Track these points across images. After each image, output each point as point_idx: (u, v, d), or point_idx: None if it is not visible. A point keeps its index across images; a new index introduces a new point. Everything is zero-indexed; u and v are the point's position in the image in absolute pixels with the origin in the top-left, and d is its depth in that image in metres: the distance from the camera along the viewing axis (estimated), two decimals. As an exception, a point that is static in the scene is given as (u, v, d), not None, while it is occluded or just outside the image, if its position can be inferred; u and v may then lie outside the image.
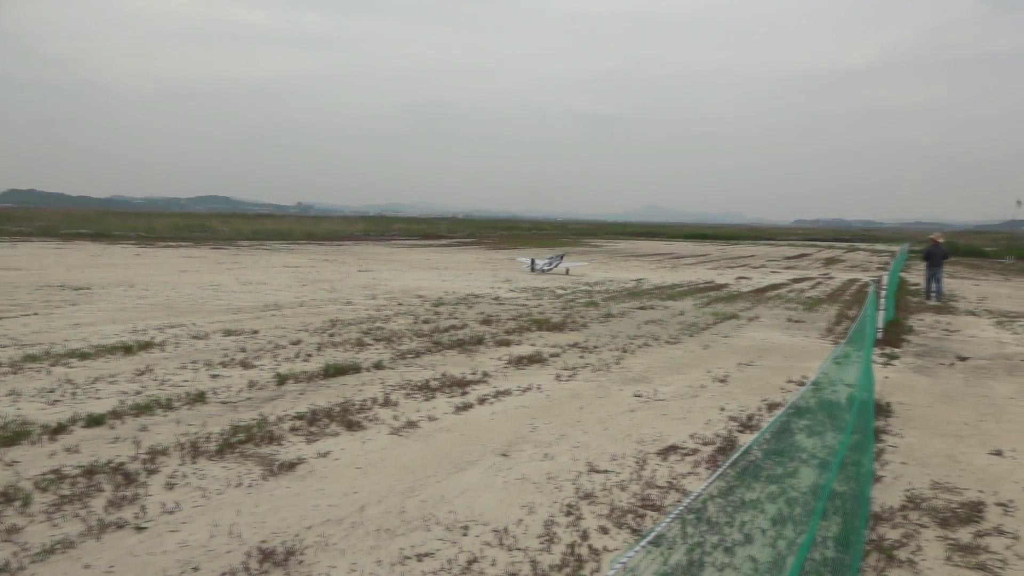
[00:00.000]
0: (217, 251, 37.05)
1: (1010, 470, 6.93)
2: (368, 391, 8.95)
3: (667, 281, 26.91)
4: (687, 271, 33.48)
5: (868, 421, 7.27)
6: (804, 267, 40.08)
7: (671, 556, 4.47)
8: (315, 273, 25.84)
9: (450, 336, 12.98)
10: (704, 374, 10.70)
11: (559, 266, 30.15)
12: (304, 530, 5.08)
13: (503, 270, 30.41)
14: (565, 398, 9.03)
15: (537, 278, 26.50)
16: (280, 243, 48.25)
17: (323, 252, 39.44)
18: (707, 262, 42.14)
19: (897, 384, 10.58)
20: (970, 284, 31.22)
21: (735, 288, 25.05)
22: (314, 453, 6.67)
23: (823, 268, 39.51)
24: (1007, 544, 5.27)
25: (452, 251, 45.77)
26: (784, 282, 28.58)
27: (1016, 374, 11.61)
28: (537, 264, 29.75)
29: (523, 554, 4.83)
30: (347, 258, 35.08)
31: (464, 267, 31.57)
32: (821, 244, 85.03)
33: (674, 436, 7.58)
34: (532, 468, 6.51)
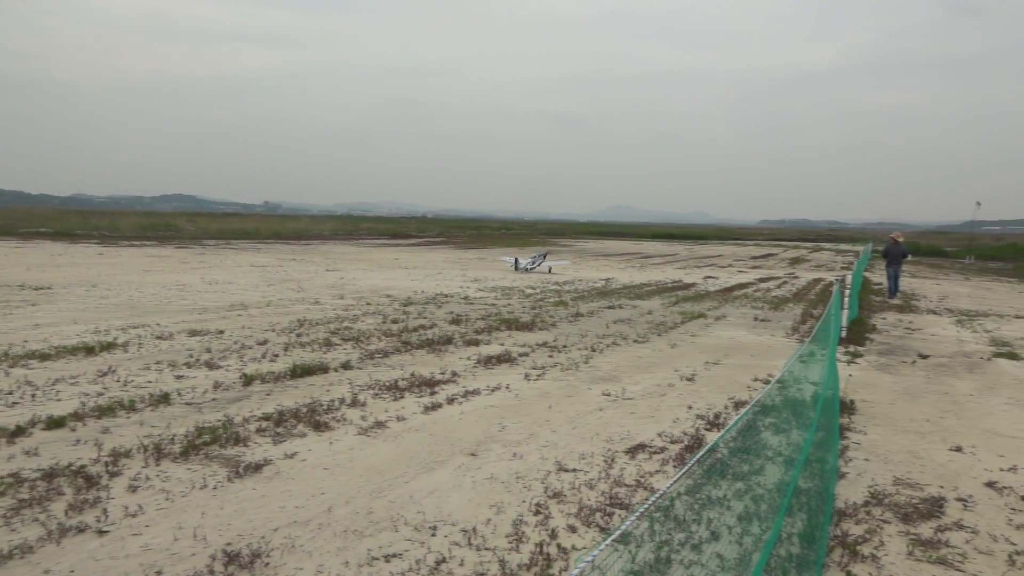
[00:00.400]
0: (182, 250, 36.56)
1: (969, 466, 7.07)
2: (336, 391, 8.89)
3: (635, 280, 27.07)
4: (655, 271, 33.71)
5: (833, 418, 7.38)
6: (770, 267, 40.56)
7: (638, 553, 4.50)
8: (282, 272, 25.61)
9: (419, 336, 12.93)
10: (672, 373, 10.78)
11: (542, 265, 30.75)
12: (270, 532, 5.03)
13: (473, 269, 30.39)
14: (534, 397, 9.04)
15: (506, 277, 26.53)
16: (247, 242, 47.74)
17: (291, 251, 39.09)
18: (675, 262, 42.48)
19: (861, 382, 10.74)
20: (931, 283, 31.82)
21: (702, 287, 25.28)
22: (281, 454, 6.60)
23: (789, 268, 40.02)
24: (967, 538, 5.37)
25: (421, 250, 45.63)
26: (751, 281, 28.89)
27: (975, 372, 11.85)
28: (521, 263, 30.23)
29: (492, 554, 4.83)
30: (315, 257, 34.80)
31: (433, 266, 31.48)
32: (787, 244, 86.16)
33: (642, 435, 7.62)
34: (501, 467, 6.50)
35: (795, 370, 5.68)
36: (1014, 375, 11.63)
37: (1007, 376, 11.54)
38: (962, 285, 31.74)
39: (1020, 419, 8.90)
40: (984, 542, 5.32)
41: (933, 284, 31.54)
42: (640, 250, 56.28)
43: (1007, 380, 11.22)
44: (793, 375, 6.07)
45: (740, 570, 4.43)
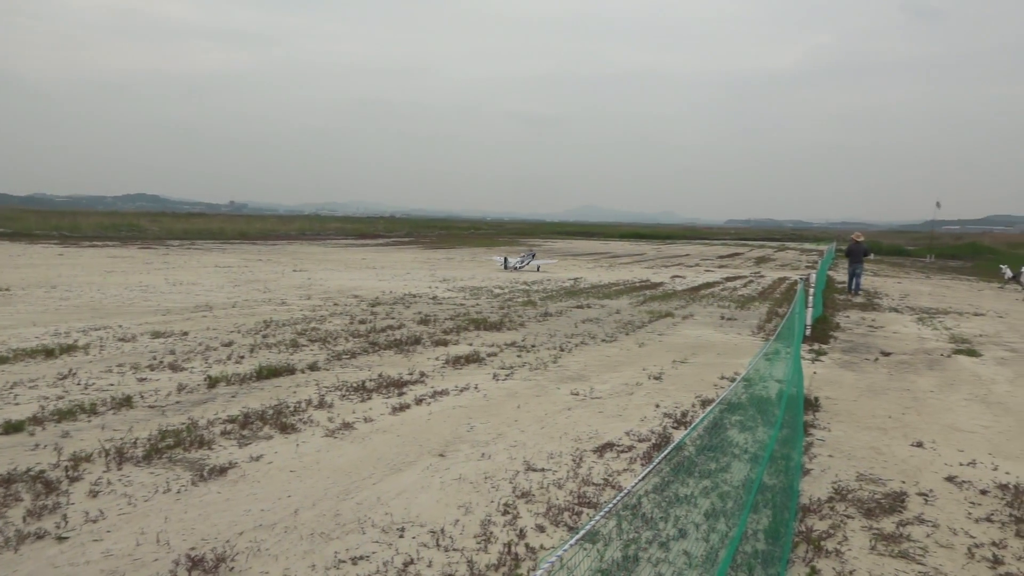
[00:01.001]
0: (145, 251, 36.00)
1: (930, 461, 7.19)
2: (302, 393, 8.81)
3: (604, 280, 27.19)
4: (623, 270, 33.89)
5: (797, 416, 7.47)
6: (736, 266, 40.98)
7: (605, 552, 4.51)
8: (248, 273, 25.33)
9: (387, 336, 12.87)
10: (640, 372, 10.84)
11: (531, 264, 31.90)
12: (235, 536, 4.96)
13: (441, 269, 30.31)
14: (502, 397, 9.03)
15: (474, 277, 26.52)
16: (212, 242, 47.15)
17: (257, 252, 38.69)
18: (643, 261, 42.75)
19: (825, 379, 10.89)
20: (893, 282, 32.38)
21: (670, 287, 25.46)
22: (246, 457, 6.52)
23: (755, 267, 40.47)
24: (927, 532, 5.46)
25: (389, 251, 45.41)
26: (717, 280, 29.17)
27: (936, 368, 12.07)
28: (510, 262, 31.18)
29: (460, 554, 4.81)
30: (281, 258, 34.48)
31: (401, 267, 31.35)
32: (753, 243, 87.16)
33: (610, 433, 7.65)
34: (469, 468, 6.49)
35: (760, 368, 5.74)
36: (973, 372, 11.87)
37: (966, 373, 11.77)
38: (923, 283, 32.34)
39: (979, 415, 9.08)
40: (944, 536, 5.42)
41: (895, 282, 32.11)
42: (608, 250, 56.55)
43: (966, 376, 11.44)
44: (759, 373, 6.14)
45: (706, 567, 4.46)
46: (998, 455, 7.44)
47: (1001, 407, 9.52)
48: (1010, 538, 5.41)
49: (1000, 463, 7.18)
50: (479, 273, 28.91)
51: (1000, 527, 5.62)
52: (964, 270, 44.84)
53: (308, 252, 40.33)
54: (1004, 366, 12.48)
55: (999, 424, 8.67)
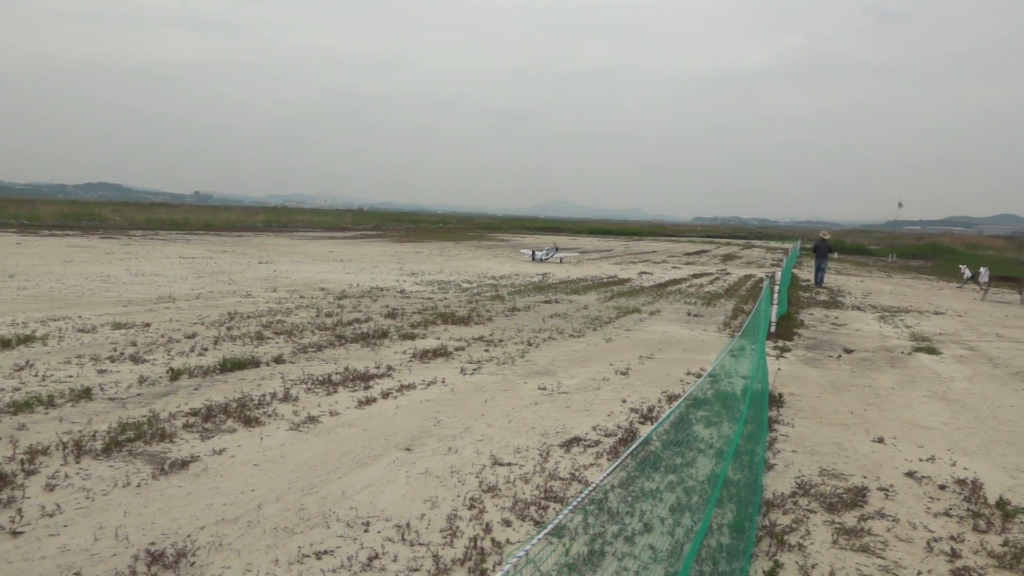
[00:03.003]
0: (107, 240, 35.33)
1: (891, 456, 7.31)
2: (267, 386, 8.70)
3: (572, 276, 27.25)
4: (591, 266, 34.00)
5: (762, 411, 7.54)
6: (703, 263, 41.33)
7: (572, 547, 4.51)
8: (213, 264, 24.98)
9: (353, 329, 12.76)
10: (607, 367, 10.87)
11: (554, 256, 35.87)
12: (197, 530, 4.88)
13: (409, 263, 30.16)
14: (470, 391, 9.01)
15: (442, 271, 26.42)
16: (176, 233, 46.43)
17: (222, 243, 38.17)
18: (611, 257, 42.94)
19: (789, 376, 11.02)
20: (856, 280, 32.89)
21: (638, 283, 25.60)
22: (209, 450, 6.42)
23: (721, 264, 40.84)
24: (888, 527, 5.55)
25: (357, 244, 45.09)
26: (684, 277, 29.38)
27: (897, 366, 12.27)
28: (537, 255, 35.43)
29: (425, 549, 4.78)
30: (247, 249, 34.05)
31: (369, 260, 31.14)
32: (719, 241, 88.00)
33: (577, 428, 7.66)
34: (436, 462, 6.45)
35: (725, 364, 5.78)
36: (932, 369, 12.09)
37: (926, 370, 11.99)
38: (885, 282, 32.89)
39: (938, 411, 9.25)
40: (904, 530, 5.50)
41: (858, 281, 32.61)
42: (577, 245, 56.68)
43: (926, 374, 11.65)
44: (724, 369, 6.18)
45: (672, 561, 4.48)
46: (956, 451, 7.59)
47: (959, 404, 9.71)
48: (967, 532, 5.52)
49: (958, 459, 7.32)
50: (447, 267, 28.82)
51: (958, 521, 5.72)
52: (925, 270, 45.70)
53: (274, 244, 39.89)
54: (963, 364, 12.73)
55: (957, 420, 8.84)
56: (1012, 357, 13.69)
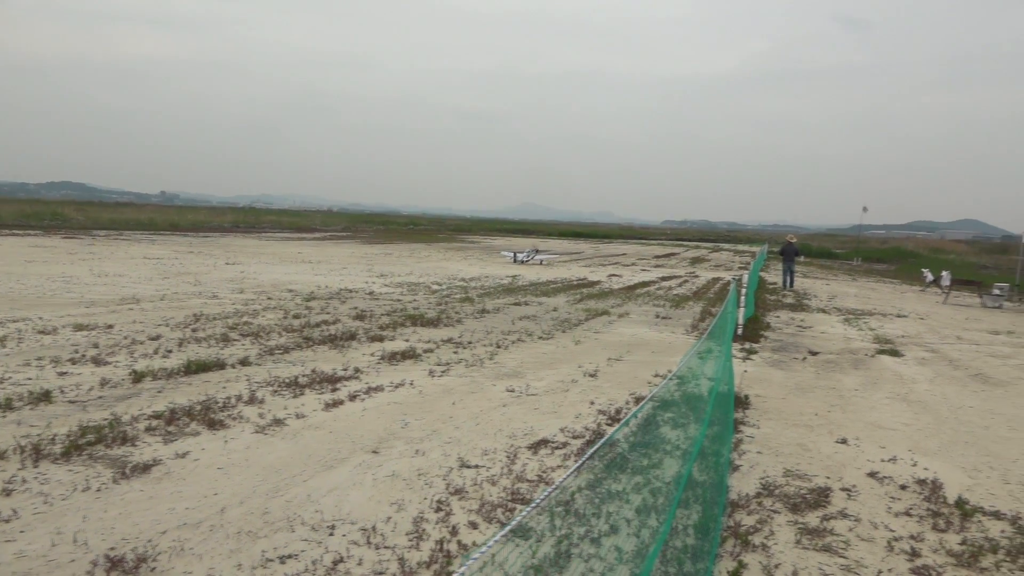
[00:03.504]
0: (70, 240, 34.72)
1: (853, 457, 7.41)
2: (232, 388, 8.60)
3: (542, 278, 27.30)
4: (561, 268, 34.09)
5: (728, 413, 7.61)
6: (672, 266, 41.63)
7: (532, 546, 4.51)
8: (179, 265, 24.65)
9: (321, 331, 12.67)
10: (575, 369, 10.90)
11: (535, 258, 36.77)
12: (158, 535, 4.80)
13: (378, 264, 30.01)
14: (438, 394, 8.98)
15: (412, 273, 26.33)
16: (141, 233, 45.77)
17: (188, 244, 37.70)
18: (581, 260, 43.09)
19: (755, 377, 11.12)
20: (822, 283, 33.34)
21: (607, 285, 25.70)
22: (171, 454, 6.33)
23: (689, 267, 41.17)
24: (850, 526, 5.62)
25: (326, 245, 44.77)
26: (653, 280, 29.57)
27: (860, 368, 12.45)
28: (518, 256, 36.16)
29: (391, 552, 4.75)
30: (214, 250, 33.66)
31: (338, 261, 30.93)
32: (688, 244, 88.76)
33: (545, 430, 7.66)
34: (403, 465, 6.42)
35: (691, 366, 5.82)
36: (895, 371, 12.28)
37: (889, 372, 12.17)
38: (850, 285, 33.37)
39: (900, 412, 9.39)
40: (866, 530, 5.58)
41: (823, 284, 33.05)
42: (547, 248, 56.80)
43: (889, 376, 11.83)
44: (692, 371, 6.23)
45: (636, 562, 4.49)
46: (917, 451, 7.71)
47: (921, 405, 9.87)
48: (927, 531, 5.61)
49: (919, 459, 7.44)
50: (417, 268, 28.73)
51: (918, 521, 5.81)
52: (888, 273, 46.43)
53: (242, 245, 39.47)
54: (924, 366, 12.95)
55: (919, 421, 8.99)
56: (972, 359, 13.96)
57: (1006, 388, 11.35)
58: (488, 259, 38.27)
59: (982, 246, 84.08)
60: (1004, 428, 8.91)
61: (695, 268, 40.22)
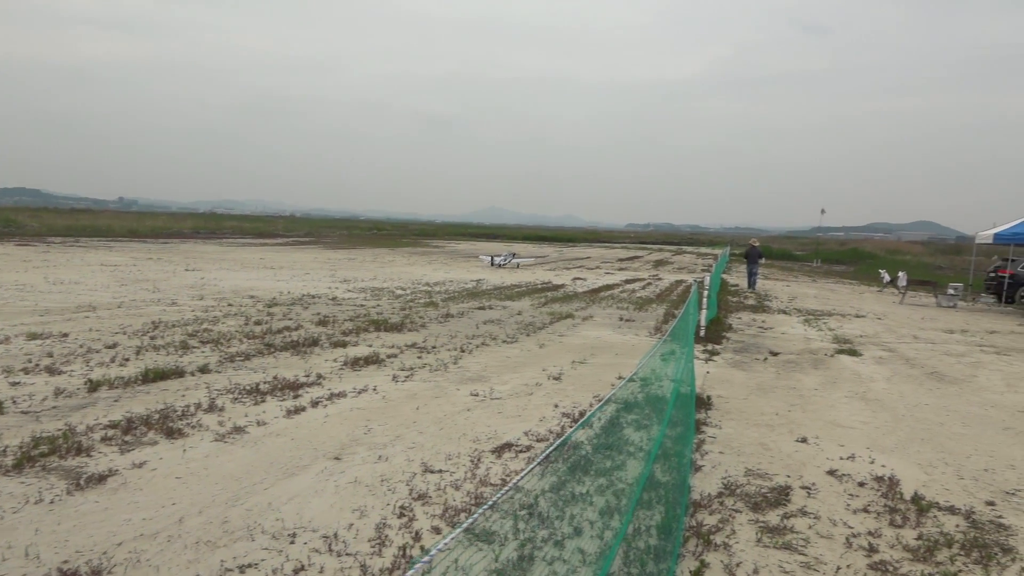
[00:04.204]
0: (24, 248, 33.95)
1: (813, 455, 7.51)
2: (192, 396, 8.46)
3: (506, 282, 27.31)
4: (526, 272, 34.14)
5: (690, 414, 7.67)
6: (636, 269, 41.92)
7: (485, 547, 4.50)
8: (137, 272, 24.23)
9: (283, 338, 12.52)
10: (540, 372, 10.91)
11: (512, 261, 37.62)
12: (113, 547, 4.70)
13: (342, 270, 29.78)
14: (402, 399, 8.92)
15: (376, 278, 26.17)
16: (98, 240, 44.91)
17: (147, 250, 37.07)
18: (545, 263, 43.18)
19: (717, 378, 11.23)
20: (782, 285, 33.81)
21: (571, 289, 25.79)
22: (128, 464, 6.21)
23: (653, 270, 41.49)
24: (809, 524, 5.69)
25: (288, 250, 44.32)
26: (617, 283, 29.73)
27: (820, 367, 12.64)
28: (496, 261, 36.68)
29: (353, 559, 4.70)
30: (174, 256, 33.14)
31: (301, 267, 30.63)
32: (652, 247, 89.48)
33: (509, 434, 7.66)
34: (365, 471, 6.37)
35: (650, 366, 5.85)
36: (853, 370, 12.49)
37: (847, 371, 12.38)
38: (809, 287, 33.90)
39: (858, 411, 9.55)
40: (825, 527, 5.66)
41: (784, 286, 33.52)
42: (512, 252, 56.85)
43: (847, 375, 12.03)
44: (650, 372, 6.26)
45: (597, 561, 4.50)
46: (875, 449, 7.84)
47: (878, 403, 10.05)
48: (884, 527, 5.70)
49: (877, 456, 7.56)
50: (381, 273, 28.56)
51: (875, 517, 5.91)
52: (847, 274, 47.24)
53: (202, 251, 38.91)
54: (882, 365, 13.18)
55: (876, 420, 9.14)
56: (927, 358, 14.25)
57: (960, 385, 11.60)
58: (453, 263, 38.20)
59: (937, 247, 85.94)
60: (958, 425, 9.10)
61: (658, 271, 40.54)
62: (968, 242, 44.87)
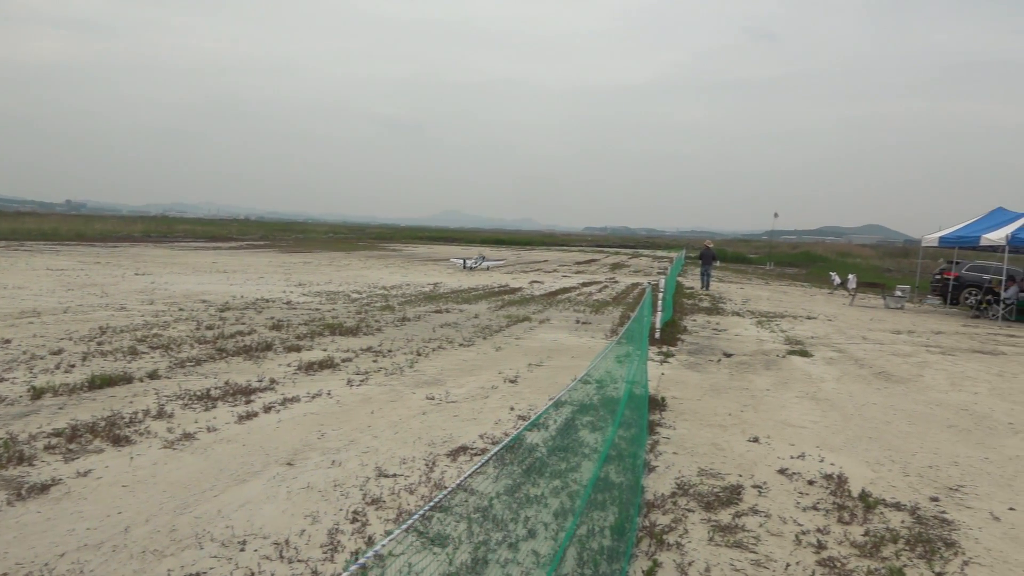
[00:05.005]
0: (-35, 252, 32.93)
1: (764, 455, 7.63)
2: (140, 403, 8.28)
3: (463, 285, 27.26)
4: (483, 275, 34.11)
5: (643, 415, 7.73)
6: (593, 272, 42.16)
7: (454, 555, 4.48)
8: (84, 276, 23.65)
9: (236, 342, 12.33)
10: (496, 375, 10.91)
11: (483, 264, 38.64)
12: (55, 558, 4.57)
13: (297, 274, 29.43)
14: (356, 403, 8.85)
15: (332, 282, 25.91)
16: (44, 244, 43.75)
17: (95, 254, 36.21)
18: (503, 266, 43.18)
19: (672, 380, 11.35)
20: (736, 287, 34.30)
21: (528, 292, 25.84)
22: (72, 472, 6.05)
23: (610, 273, 41.77)
24: (760, 522, 5.78)
25: (242, 254, 43.67)
26: (574, 286, 29.87)
27: (772, 368, 12.84)
28: (467, 263, 37.57)
29: (304, 565, 4.64)
30: (123, 260, 32.43)
31: (255, 271, 30.20)
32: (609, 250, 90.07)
33: (464, 437, 7.64)
34: (318, 476, 6.29)
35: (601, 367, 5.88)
36: (804, 371, 12.72)
37: (799, 372, 12.60)
38: (763, 289, 34.45)
39: (809, 410, 9.72)
40: (776, 525, 5.74)
41: (738, 288, 34.02)
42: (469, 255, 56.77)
43: (798, 375, 12.24)
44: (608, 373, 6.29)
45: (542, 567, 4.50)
46: (824, 447, 7.99)
47: (828, 403, 10.24)
48: (832, 524, 5.81)
49: (826, 455, 7.71)
50: (337, 277, 28.29)
51: (824, 514, 6.02)
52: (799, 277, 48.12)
53: (153, 255, 38.14)
54: (831, 365, 13.45)
55: (826, 419, 9.32)
56: (876, 358, 14.57)
57: (907, 385, 11.89)
58: (410, 267, 38.00)
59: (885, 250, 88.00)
60: (904, 423, 9.32)
61: (615, 274, 40.83)
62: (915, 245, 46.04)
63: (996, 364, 14.65)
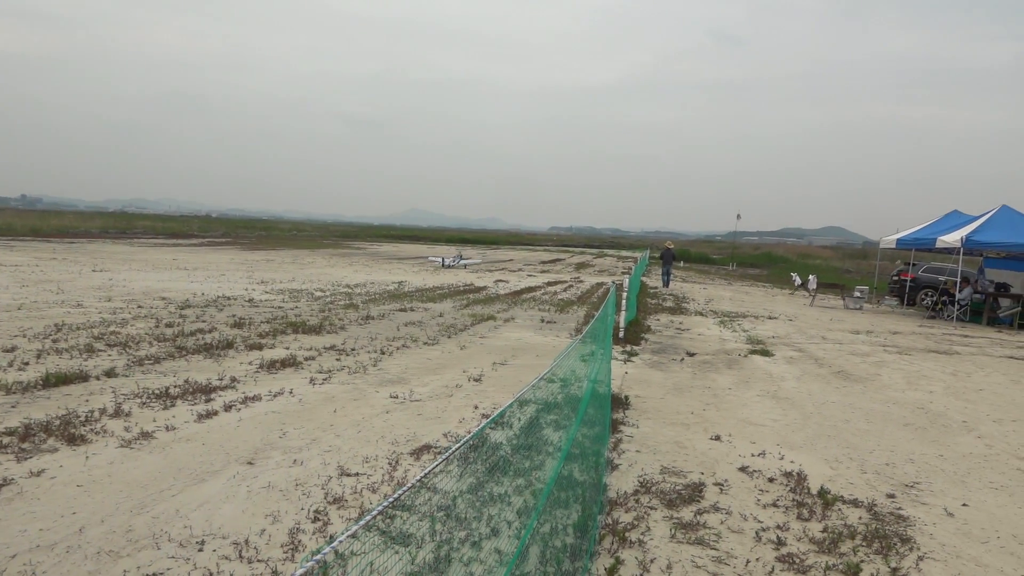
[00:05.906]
0: (-85, 247, 32.03)
1: (726, 453, 7.71)
2: (96, 401, 8.11)
3: (428, 284, 27.16)
4: (448, 274, 34.01)
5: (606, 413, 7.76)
6: (558, 271, 42.27)
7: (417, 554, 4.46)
8: (40, 273, 23.12)
9: (196, 340, 12.14)
10: (460, 374, 10.88)
11: (460, 262, 39.49)
12: (7, 560, 4.46)
13: (259, 271, 29.09)
14: (319, 402, 8.76)
15: (295, 279, 25.66)
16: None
17: (51, 250, 35.44)
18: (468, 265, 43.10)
19: (635, 379, 11.42)
20: (699, 288, 34.65)
21: (493, 291, 25.82)
22: (25, 472, 5.90)
23: (575, 272, 41.91)
24: (721, 519, 5.83)
25: (204, 251, 43.05)
26: (539, 285, 29.92)
27: (734, 367, 12.99)
28: (446, 261, 38.48)
29: (264, 565, 4.58)
30: (80, 257, 31.77)
31: (216, 268, 29.78)
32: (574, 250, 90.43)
33: (428, 436, 7.61)
34: (279, 475, 6.22)
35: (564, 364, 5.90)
36: (765, 370, 12.88)
37: (760, 371, 12.75)
38: (726, 289, 34.83)
39: (769, 409, 9.85)
40: (736, 522, 5.80)
41: (701, 288, 34.37)
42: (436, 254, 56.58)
43: (760, 375, 12.40)
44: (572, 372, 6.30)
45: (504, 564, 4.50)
46: (784, 445, 8.10)
47: (788, 402, 10.38)
48: (792, 521, 5.88)
49: (786, 453, 7.81)
50: (300, 275, 28.02)
51: (784, 511, 6.10)
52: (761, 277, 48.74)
53: (111, 251, 37.43)
54: (792, 364, 13.64)
55: (786, 417, 9.45)
56: (835, 357, 14.80)
57: (865, 384, 12.09)
58: (375, 265, 37.76)
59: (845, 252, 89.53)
60: (862, 421, 9.48)
61: (580, 273, 40.98)
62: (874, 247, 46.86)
63: (951, 364, 14.98)
